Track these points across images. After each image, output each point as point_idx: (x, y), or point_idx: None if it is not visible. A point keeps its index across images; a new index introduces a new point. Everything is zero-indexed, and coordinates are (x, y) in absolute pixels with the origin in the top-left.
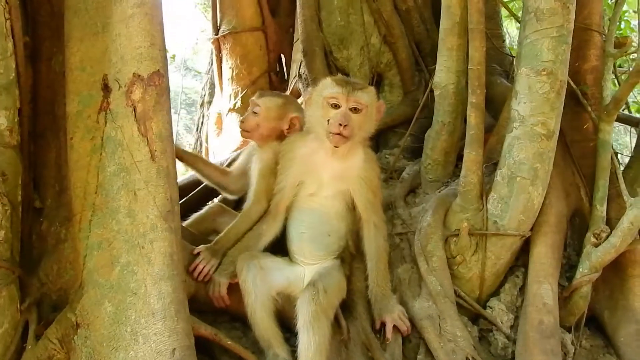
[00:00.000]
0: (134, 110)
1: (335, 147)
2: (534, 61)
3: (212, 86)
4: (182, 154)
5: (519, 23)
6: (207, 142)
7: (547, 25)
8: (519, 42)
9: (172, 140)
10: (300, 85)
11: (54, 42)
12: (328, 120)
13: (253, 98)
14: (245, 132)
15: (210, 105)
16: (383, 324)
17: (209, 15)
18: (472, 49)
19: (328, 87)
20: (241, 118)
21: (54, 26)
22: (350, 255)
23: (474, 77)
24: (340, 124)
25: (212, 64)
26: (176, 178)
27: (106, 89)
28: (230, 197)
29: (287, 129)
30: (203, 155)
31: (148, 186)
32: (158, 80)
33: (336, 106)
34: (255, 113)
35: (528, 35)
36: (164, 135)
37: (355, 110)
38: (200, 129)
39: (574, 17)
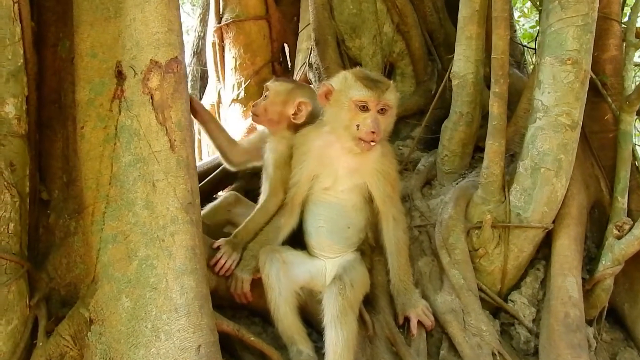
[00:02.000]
0: (151, 98)
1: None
2: (559, 50)
3: (194, 78)
4: (198, 109)
5: (538, 11)
6: (199, 134)
7: (572, 13)
8: (542, 30)
9: (192, 129)
10: (311, 75)
11: (60, 27)
12: (357, 126)
13: (267, 83)
14: (254, 116)
15: (196, 97)
16: (407, 319)
17: (187, 7)
18: (495, 37)
19: (355, 88)
20: (253, 103)
21: (60, 11)
22: (370, 248)
23: (497, 66)
24: (373, 132)
25: (193, 55)
26: (196, 169)
27: (120, 76)
28: (229, 168)
29: (293, 114)
30: (196, 148)
31: (168, 177)
32: (176, 67)
33: (364, 108)
34: (265, 97)
35: (552, 24)
36: (184, 125)
37: (382, 111)
38: None
39: (597, 5)
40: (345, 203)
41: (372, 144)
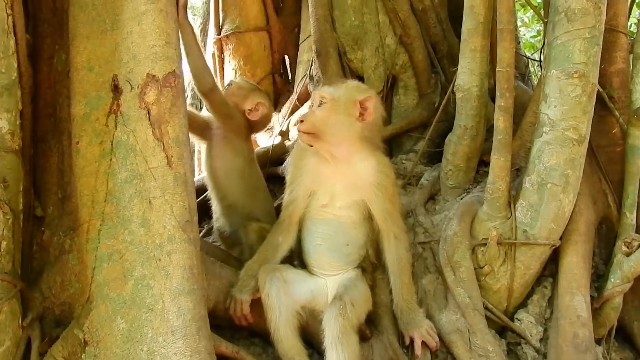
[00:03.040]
0: (148, 113)
1: (310, 145)
2: (565, 63)
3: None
4: (185, 27)
5: (543, 23)
6: (199, 146)
7: (579, 26)
8: (547, 43)
9: (189, 145)
10: (311, 87)
11: (55, 40)
12: None
13: (231, 79)
14: None
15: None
16: (411, 340)
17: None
18: (501, 50)
19: None
20: None
21: (56, 23)
22: (372, 265)
23: (502, 80)
24: (302, 120)
25: None
26: (194, 185)
27: (116, 90)
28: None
29: (249, 110)
30: (195, 164)
31: (164, 194)
32: (174, 81)
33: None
34: (227, 87)
35: (558, 36)
36: (181, 140)
37: (320, 105)
38: None
39: (604, 17)
40: (343, 220)
41: (302, 133)
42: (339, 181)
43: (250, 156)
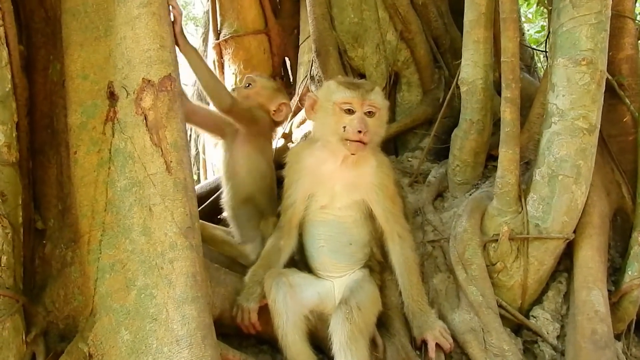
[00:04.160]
0: (145, 118)
1: (353, 154)
2: (572, 50)
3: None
4: (188, 52)
5: (547, 11)
6: (204, 153)
7: (584, 11)
8: (553, 31)
9: (188, 149)
10: (313, 88)
11: (49, 49)
12: (344, 127)
13: (249, 75)
14: None
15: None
16: (424, 342)
17: (190, 27)
18: (505, 40)
19: (338, 91)
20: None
21: (49, 32)
22: (379, 265)
23: (507, 70)
24: (360, 131)
25: None
26: (195, 191)
27: (112, 97)
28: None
29: (274, 111)
30: (201, 170)
31: (165, 201)
32: (170, 85)
33: (350, 111)
34: (248, 86)
35: (564, 23)
36: (180, 145)
37: (370, 114)
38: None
39: (611, 2)
40: (344, 220)
41: (360, 144)
42: (338, 182)
43: (270, 156)
